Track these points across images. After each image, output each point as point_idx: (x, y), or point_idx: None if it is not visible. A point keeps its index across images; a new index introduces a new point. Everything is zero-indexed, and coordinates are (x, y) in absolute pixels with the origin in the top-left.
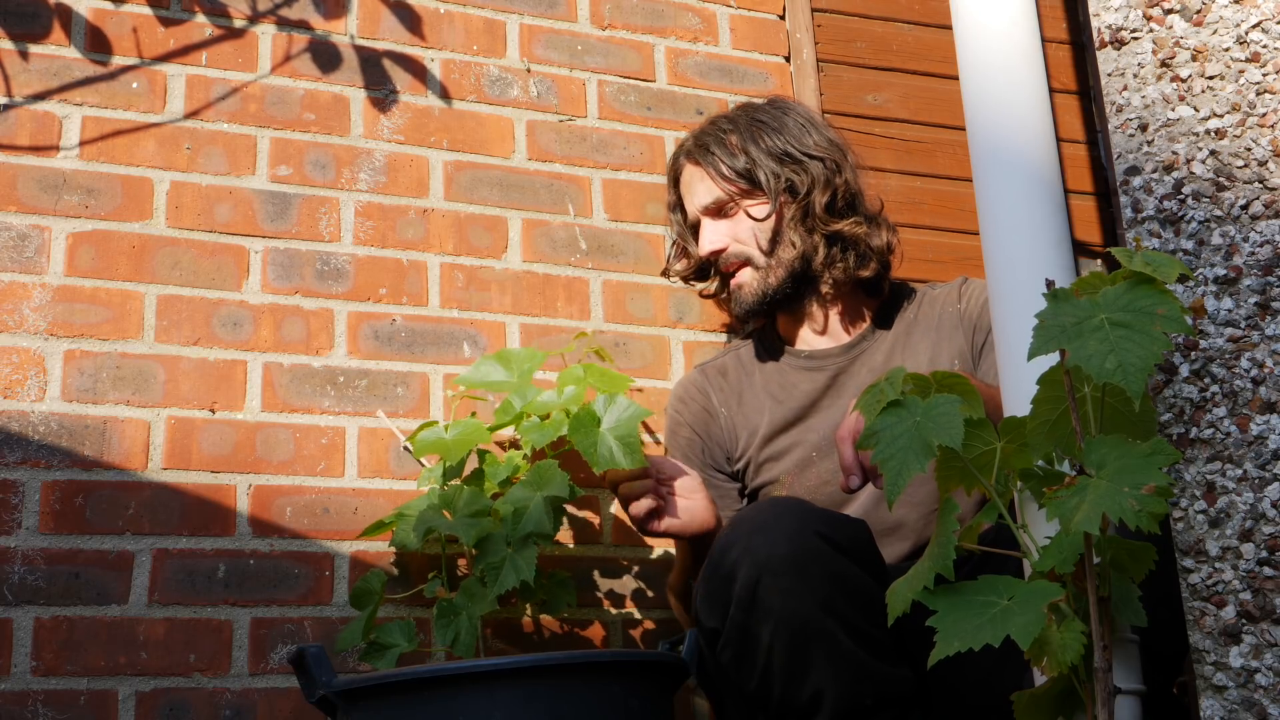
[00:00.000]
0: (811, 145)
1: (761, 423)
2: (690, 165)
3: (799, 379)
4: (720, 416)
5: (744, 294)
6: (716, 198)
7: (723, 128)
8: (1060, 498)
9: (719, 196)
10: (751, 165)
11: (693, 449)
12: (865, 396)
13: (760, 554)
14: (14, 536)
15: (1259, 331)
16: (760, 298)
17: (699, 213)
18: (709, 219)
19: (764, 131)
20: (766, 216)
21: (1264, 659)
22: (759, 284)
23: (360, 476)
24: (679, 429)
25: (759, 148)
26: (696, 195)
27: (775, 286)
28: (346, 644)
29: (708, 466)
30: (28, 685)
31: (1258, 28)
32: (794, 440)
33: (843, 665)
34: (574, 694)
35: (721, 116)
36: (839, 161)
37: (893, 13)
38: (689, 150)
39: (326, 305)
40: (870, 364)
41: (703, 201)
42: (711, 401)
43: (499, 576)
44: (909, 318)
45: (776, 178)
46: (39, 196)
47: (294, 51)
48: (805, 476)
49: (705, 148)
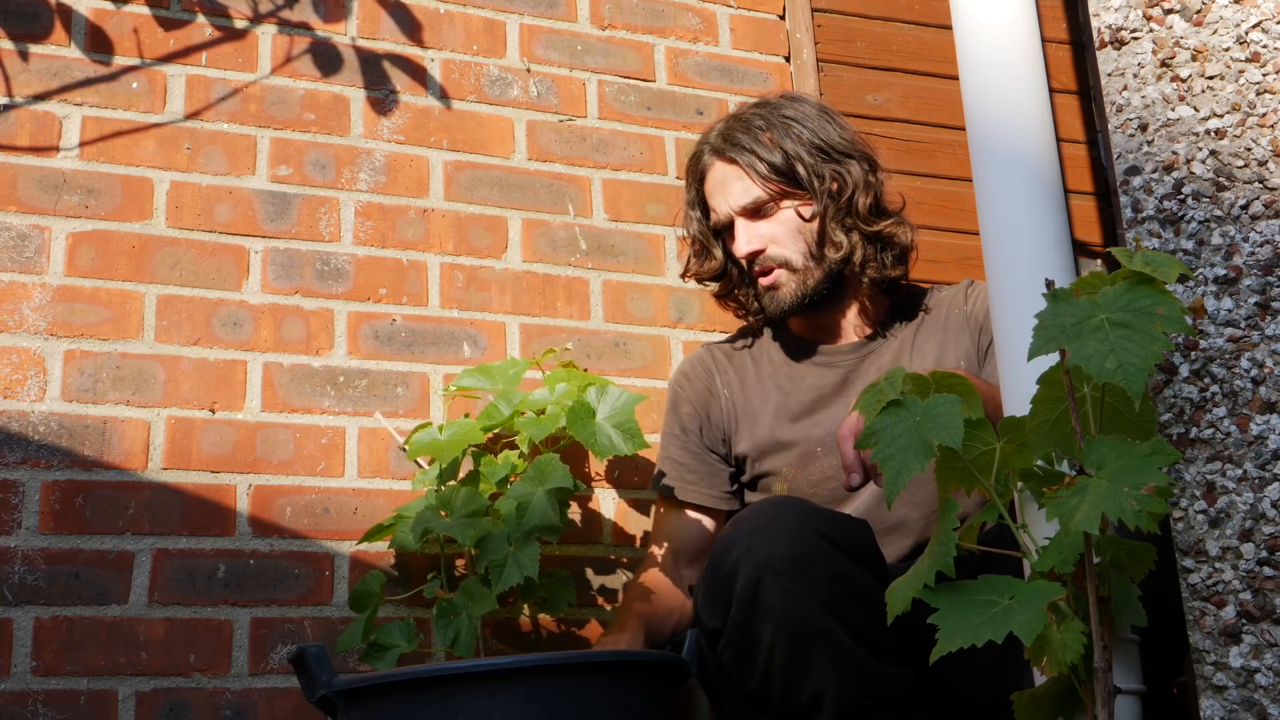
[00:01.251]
0: (840, 141)
1: (765, 412)
2: (721, 163)
3: (808, 373)
4: (721, 399)
5: (781, 295)
6: (756, 197)
7: (754, 124)
8: (1060, 498)
9: (759, 196)
10: (792, 162)
11: (692, 424)
12: (865, 396)
13: (761, 554)
14: (14, 536)
15: (1259, 331)
16: (799, 299)
17: (733, 212)
18: (745, 219)
19: (796, 126)
20: (813, 217)
21: (1264, 659)
22: (798, 285)
23: (360, 476)
24: (681, 404)
25: (796, 144)
26: (731, 195)
27: (813, 288)
28: (347, 645)
29: (704, 446)
30: (28, 685)
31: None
32: (799, 434)
33: (844, 665)
34: (574, 694)
35: (746, 113)
36: (870, 158)
37: (893, 13)
38: (717, 147)
39: (326, 305)
40: (879, 364)
41: (740, 201)
42: (715, 383)
43: (502, 574)
44: (918, 319)
45: (820, 177)
46: (39, 196)
47: (294, 52)
48: (808, 471)
49: (738, 145)
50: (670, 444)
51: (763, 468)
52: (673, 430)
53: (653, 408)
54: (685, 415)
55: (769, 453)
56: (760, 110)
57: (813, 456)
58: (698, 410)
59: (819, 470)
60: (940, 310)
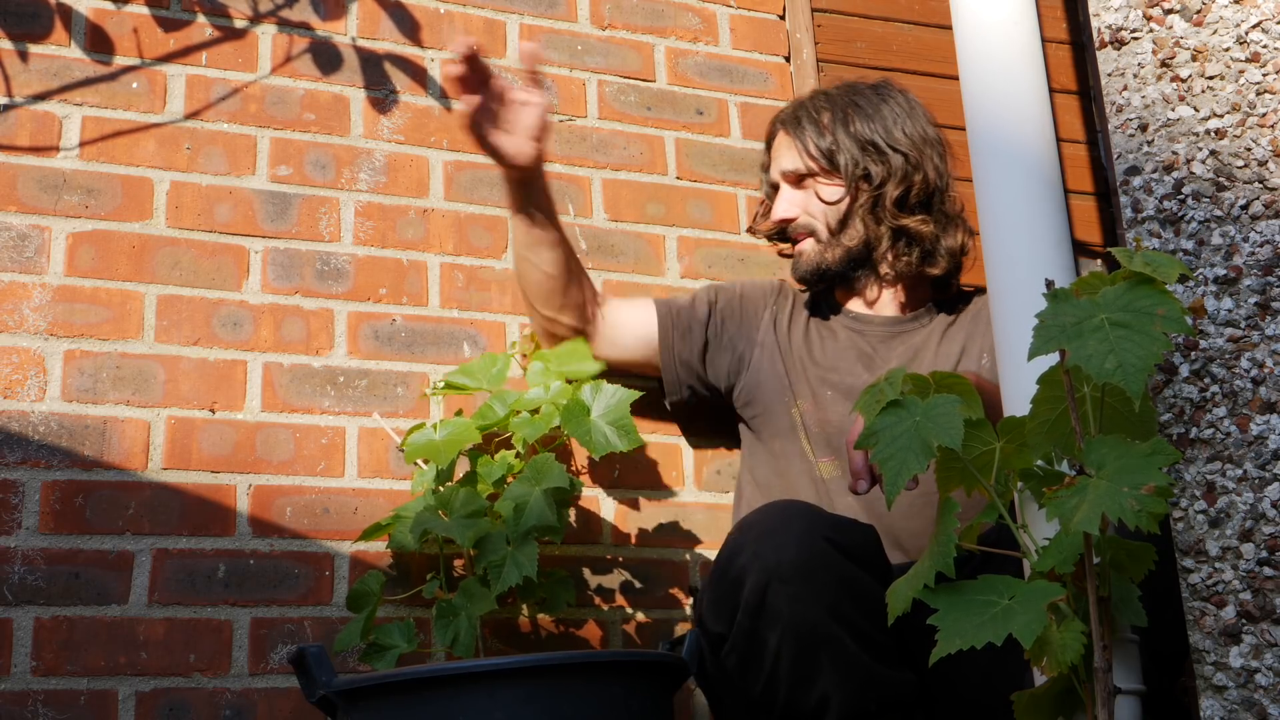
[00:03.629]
0: (900, 137)
1: (789, 344)
2: (783, 133)
3: (841, 331)
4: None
5: (802, 261)
6: (797, 168)
7: (820, 105)
8: (1060, 498)
9: (799, 169)
10: (835, 148)
11: (731, 292)
12: (865, 396)
13: (769, 560)
14: (14, 536)
15: (1259, 331)
16: (815, 270)
17: (780, 176)
18: (787, 186)
19: (857, 116)
20: (837, 200)
21: (1264, 659)
22: (816, 257)
23: (360, 476)
24: (736, 286)
25: (846, 132)
26: (782, 160)
27: (830, 264)
28: (344, 645)
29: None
30: (28, 685)
31: (1258, 28)
32: (817, 375)
33: (849, 671)
34: (574, 694)
35: (823, 92)
36: (922, 157)
37: (893, 13)
38: (785, 119)
39: (326, 305)
40: (911, 343)
41: (785, 167)
42: (763, 301)
43: (501, 574)
44: (956, 314)
45: (856, 165)
46: (39, 196)
47: (294, 52)
48: (824, 411)
49: (799, 121)
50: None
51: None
52: (714, 291)
53: (651, 407)
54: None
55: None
56: (837, 91)
57: (824, 401)
58: (736, 298)
59: (837, 413)
60: (975, 307)
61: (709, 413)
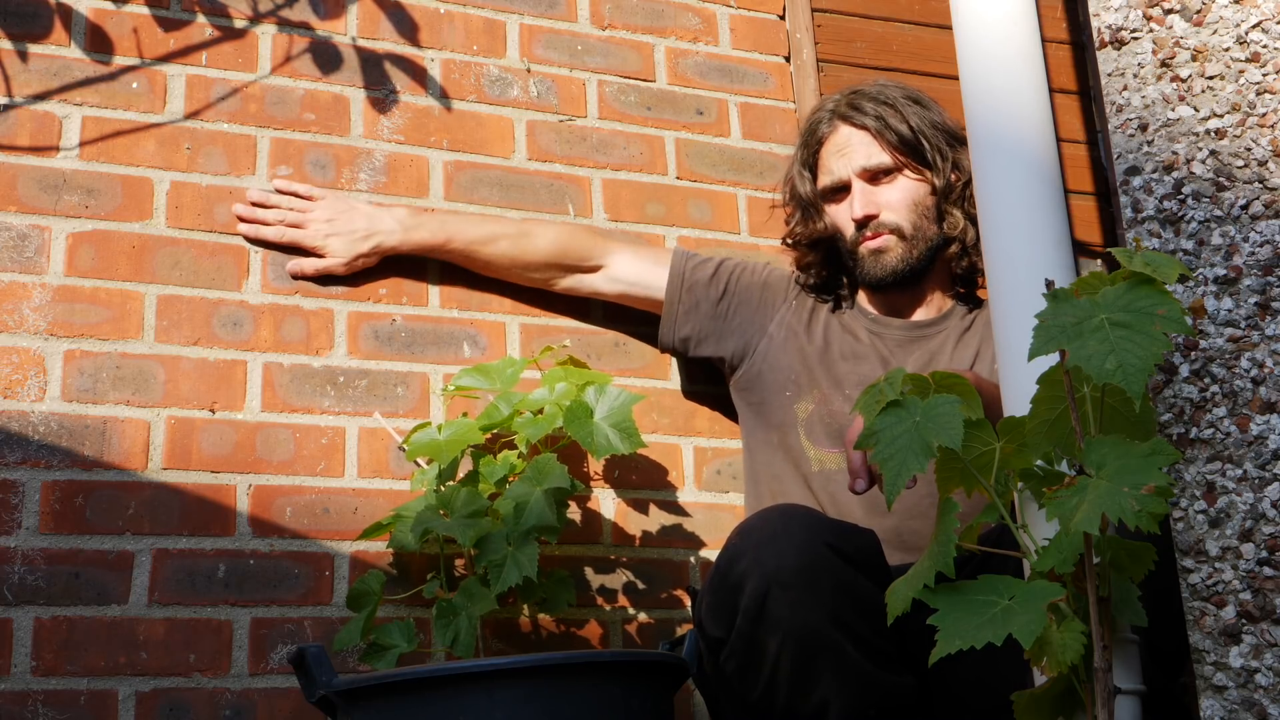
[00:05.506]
0: (959, 130)
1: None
2: (848, 127)
3: (859, 330)
4: (775, 306)
5: (887, 259)
6: (881, 162)
7: (884, 97)
8: (1060, 498)
9: (884, 162)
10: (916, 136)
11: (755, 276)
12: (865, 397)
13: (769, 565)
14: (14, 536)
15: (1259, 331)
16: (903, 266)
17: (853, 174)
18: (862, 182)
19: (919, 107)
20: (932, 192)
21: (1264, 659)
22: (904, 253)
23: (360, 476)
24: (762, 272)
25: (920, 120)
26: (854, 156)
27: (917, 259)
28: (344, 644)
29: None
30: (28, 685)
31: (1258, 28)
32: (834, 373)
33: (849, 676)
34: (574, 694)
35: (873, 87)
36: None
37: (893, 13)
38: (843, 113)
39: (326, 305)
40: (928, 348)
41: (862, 163)
42: (783, 293)
43: (501, 574)
44: (971, 320)
45: (942, 155)
46: (39, 196)
47: (294, 52)
48: (834, 403)
49: (867, 112)
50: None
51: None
52: (738, 269)
53: (651, 408)
54: (754, 269)
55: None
56: (888, 87)
57: (830, 399)
58: (757, 282)
59: (842, 408)
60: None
61: (709, 413)
